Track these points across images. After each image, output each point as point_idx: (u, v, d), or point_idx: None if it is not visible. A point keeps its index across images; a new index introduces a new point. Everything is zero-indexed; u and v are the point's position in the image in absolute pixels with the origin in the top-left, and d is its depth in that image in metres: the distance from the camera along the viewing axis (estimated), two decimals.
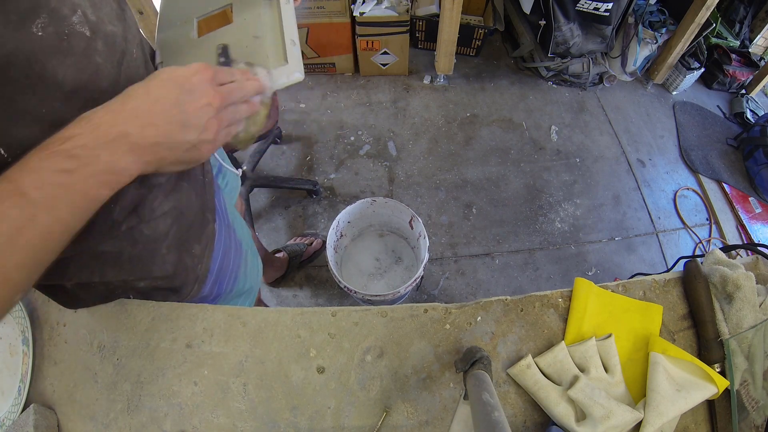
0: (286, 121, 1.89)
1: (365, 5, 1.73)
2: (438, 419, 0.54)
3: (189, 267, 0.55)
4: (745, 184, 1.88)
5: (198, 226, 0.56)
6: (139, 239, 0.47)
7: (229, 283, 0.67)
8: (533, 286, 1.56)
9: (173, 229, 0.51)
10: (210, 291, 0.62)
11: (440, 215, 1.68)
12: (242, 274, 0.71)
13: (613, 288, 0.62)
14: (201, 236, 0.57)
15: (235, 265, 0.68)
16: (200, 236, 0.56)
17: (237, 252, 0.69)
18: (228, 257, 0.65)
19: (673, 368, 0.56)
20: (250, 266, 0.75)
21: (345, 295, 1.49)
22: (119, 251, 0.46)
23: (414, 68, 2.08)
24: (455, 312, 0.59)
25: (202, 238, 0.57)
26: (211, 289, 0.62)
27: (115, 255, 0.46)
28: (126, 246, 0.46)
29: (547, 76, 2.08)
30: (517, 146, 1.89)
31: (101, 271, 0.47)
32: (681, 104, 2.11)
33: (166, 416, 0.53)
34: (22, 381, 0.55)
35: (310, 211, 1.67)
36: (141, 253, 0.48)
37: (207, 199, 0.59)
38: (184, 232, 0.53)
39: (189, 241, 0.54)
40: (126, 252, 0.47)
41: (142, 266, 0.49)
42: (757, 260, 0.68)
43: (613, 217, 1.74)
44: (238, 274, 0.70)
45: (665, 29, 1.91)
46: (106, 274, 0.47)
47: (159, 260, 0.50)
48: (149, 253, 0.49)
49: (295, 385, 0.54)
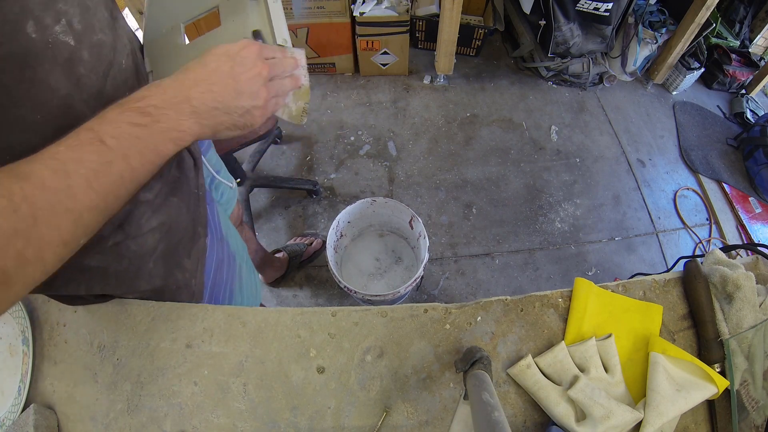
0: (287, 121, 1.88)
1: (365, 5, 1.73)
2: (438, 419, 0.54)
3: (180, 281, 0.55)
4: (745, 184, 1.88)
5: (188, 241, 0.56)
6: (125, 254, 0.47)
7: (225, 297, 0.67)
8: (533, 286, 1.56)
9: (161, 245, 0.51)
10: None
11: (440, 215, 1.68)
12: (237, 290, 0.71)
13: (613, 288, 0.62)
14: (191, 251, 0.57)
15: (229, 279, 0.68)
16: (190, 251, 0.56)
17: (230, 265, 0.69)
18: (221, 271, 0.65)
19: (673, 368, 0.56)
20: (246, 281, 0.75)
21: (345, 295, 1.49)
22: (105, 266, 0.47)
23: (414, 68, 2.08)
24: (455, 312, 0.58)
25: (192, 252, 0.57)
26: None
27: (101, 270, 0.47)
28: (112, 261, 0.47)
29: (547, 76, 2.08)
30: (517, 146, 1.89)
31: (87, 284, 0.47)
32: (681, 104, 2.11)
33: (166, 416, 0.53)
34: (22, 381, 0.55)
35: (310, 211, 1.67)
36: (128, 268, 0.49)
37: (199, 213, 0.59)
38: (173, 247, 0.53)
39: (178, 255, 0.54)
40: (112, 267, 0.47)
41: (128, 281, 0.50)
42: (757, 260, 0.68)
43: (613, 217, 1.74)
44: (233, 288, 0.69)
45: (665, 29, 1.91)
46: (93, 287, 0.48)
47: (146, 275, 0.51)
48: (135, 269, 0.49)
49: (295, 385, 0.54)
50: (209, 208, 0.63)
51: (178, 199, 0.53)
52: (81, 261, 0.44)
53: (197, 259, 0.58)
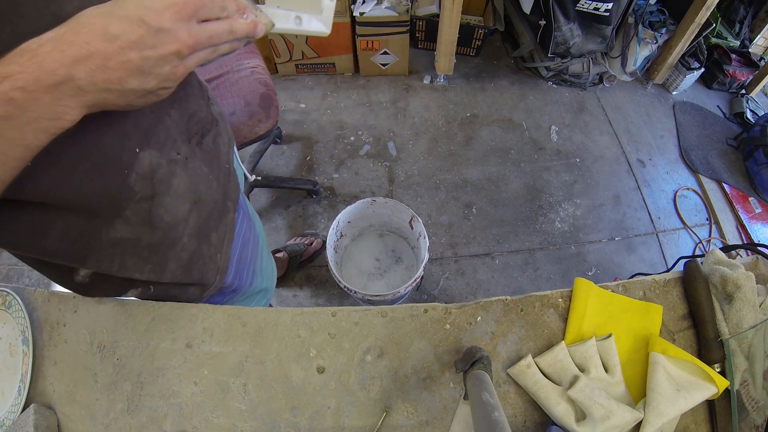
0: (286, 121, 1.89)
1: (365, 5, 1.73)
2: (438, 419, 0.54)
3: (206, 255, 0.54)
4: (745, 184, 1.88)
5: (217, 215, 0.55)
6: (158, 225, 0.45)
7: (249, 275, 0.66)
8: (533, 286, 1.56)
9: (192, 216, 0.49)
10: (232, 281, 0.61)
11: (440, 215, 1.68)
12: (259, 271, 0.70)
13: (613, 288, 0.62)
14: (219, 225, 0.56)
15: (253, 258, 0.67)
16: (218, 225, 0.55)
17: (255, 245, 0.68)
18: (247, 248, 0.65)
19: (673, 368, 0.56)
20: (266, 262, 0.74)
21: (345, 295, 1.49)
22: (137, 238, 0.44)
23: (414, 68, 2.08)
24: (455, 312, 0.58)
25: (219, 227, 0.56)
26: (233, 281, 0.61)
27: (133, 242, 0.44)
28: (145, 232, 0.44)
29: (547, 76, 2.08)
30: (517, 146, 1.89)
31: (121, 260, 0.45)
32: (681, 104, 2.11)
33: (166, 416, 0.53)
34: (22, 381, 0.55)
35: (310, 211, 1.67)
36: (162, 240, 0.46)
37: (230, 188, 0.58)
38: (203, 221, 0.52)
39: (208, 229, 0.53)
40: (145, 239, 0.45)
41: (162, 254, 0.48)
42: (757, 260, 0.68)
43: (613, 217, 1.74)
44: (255, 269, 0.69)
45: (665, 29, 1.91)
46: (126, 264, 0.46)
47: (179, 250, 0.49)
48: (170, 242, 0.48)
49: (295, 385, 0.54)
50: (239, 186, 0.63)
51: (208, 171, 0.51)
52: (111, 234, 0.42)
53: (224, 234, 0.57)
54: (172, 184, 0.45)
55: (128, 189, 0.41)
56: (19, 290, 0.60)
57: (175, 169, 0.46)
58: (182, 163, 0.47)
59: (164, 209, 0.45)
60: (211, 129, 0.54)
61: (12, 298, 0.59)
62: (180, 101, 0.48)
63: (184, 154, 0.47)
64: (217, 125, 0.56)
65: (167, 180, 0.45)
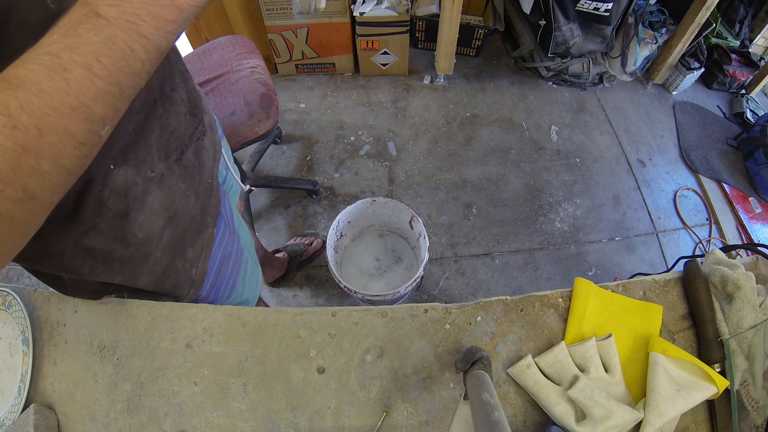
0: (286, 121, 1.89)
1: (365, 5, 1.73)
2: (438, 419, 0.54)
3: (180, 269, 0.54)
4: (745, 184, 1.88)
5: (194, 231, 0.55)
6: (131, 241, 0.46)
7: (227, 289, 0.66)
8: (533, 286, 1.56)
9: (166, 232, 0.50)
10: (207, 294, 0.62)
11: (440, 215, 1.68)
12: (240, 282, 0.70)
13: (613, 288, 0.62)
14: (196, 240, 0.56)
15: (233, 272, 0.67)
16: (195, 240, 0.56)
17: (237, 259, 0.68)
18: (227, 263, 0.65)
19: (673, 368, 0.56)
20: (250, 275, 0.74)
21: (345, 295, 1.49)
22: (110, 251, 0.45)
23: (414, 68, 2.08)
24: (455, 312, 0.58)
25: (197, 241, 0.56)
26: (208, 293, 0.62)
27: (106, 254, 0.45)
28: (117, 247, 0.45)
29: (547, 76, 2.08)
30: (517, 146, 1.89)
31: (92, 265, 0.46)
32: (681, 104, 2.11)
33: (166, 416, 0.53)
34: (22, 381, 0.55)
35: (310, 211, 1.67)
36: (134, 255, 0.47)
37: (210, 203, 0.58)
38: (179, 237, 0.52)
39: (183, 244, 0.53)
40: (117, 252, 0.46)
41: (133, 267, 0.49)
42: (757, 260, 0.68)
43: (613, 217, 1.74)
44: (237, 281, 0.69)
45: (665, 29, 1.91)
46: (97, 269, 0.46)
47: (151, 263, 0.50)
48: (142, 256, 0.48)
49: (295, 385, 0.54)
50: (222, 200, 0.62)
51: (186, 187, 0.51)
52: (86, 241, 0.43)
53: (201, 249, 0.57)
54: (146, 201, 0.46)
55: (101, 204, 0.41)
56: (19, 290, 0.60)
57: (149, 186, 0.46)
58: (157, 180, 0.47)
59: (138, 226, 0.46)
60: (191, 144, 0.53)
61: (12, 298, 0.59)
62: (160, 118, 0.47)
63: (160, 171, 0.47)
64: (202, 138, 0.55)
65: (141, 197, 0.45)
